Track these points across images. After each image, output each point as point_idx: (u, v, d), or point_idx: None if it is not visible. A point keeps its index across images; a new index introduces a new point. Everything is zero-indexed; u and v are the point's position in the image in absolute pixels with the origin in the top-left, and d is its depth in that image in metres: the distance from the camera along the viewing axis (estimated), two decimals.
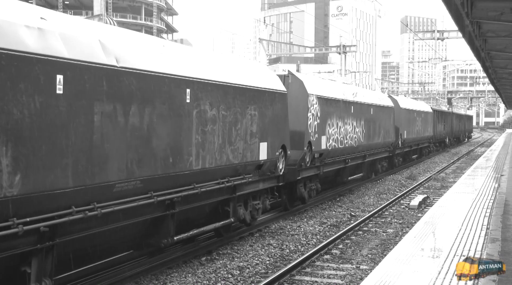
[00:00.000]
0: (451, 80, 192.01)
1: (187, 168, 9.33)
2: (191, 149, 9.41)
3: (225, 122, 10.58)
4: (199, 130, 9.65)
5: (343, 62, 54.93)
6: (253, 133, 11.74)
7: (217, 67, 10.89)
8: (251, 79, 12.03)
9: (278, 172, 13.32)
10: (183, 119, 9.20)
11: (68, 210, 6.87)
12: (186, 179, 9.40)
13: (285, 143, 13.49)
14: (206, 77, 9.99)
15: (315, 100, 16.08)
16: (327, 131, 17.11)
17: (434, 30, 50.61)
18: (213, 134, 10.13)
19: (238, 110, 11.09)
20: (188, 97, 9.32)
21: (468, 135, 69.66)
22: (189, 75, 9.43)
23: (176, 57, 9.46)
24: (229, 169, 10.85)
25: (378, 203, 18.16)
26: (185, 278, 9.39)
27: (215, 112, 10.18)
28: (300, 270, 10.11)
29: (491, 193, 14.81)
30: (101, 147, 7.30)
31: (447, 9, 9.99)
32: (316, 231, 13.56)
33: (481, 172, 21.54)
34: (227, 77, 10.89)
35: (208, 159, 9.99)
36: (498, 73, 22.18)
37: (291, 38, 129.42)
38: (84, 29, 7.64)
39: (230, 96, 10.81)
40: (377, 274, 7.15)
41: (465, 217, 11.16)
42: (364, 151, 21.68)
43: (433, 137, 40.14)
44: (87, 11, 77.04)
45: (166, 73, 8.77)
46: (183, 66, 9.44)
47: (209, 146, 9.99)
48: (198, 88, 9.64)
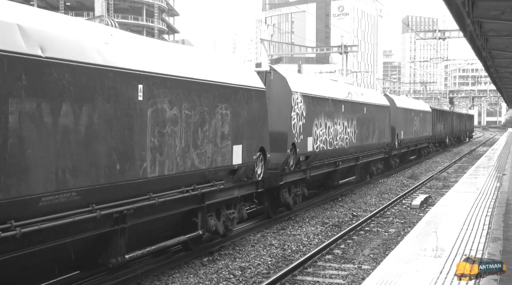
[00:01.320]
0: (452, 80, 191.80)
1: (139, 175, 8.09)
2: (145, 154, 8.18)
3: (189, 123, 9.36)
4: (155, 133, 8.43)
5: (344, 62, 54.90)
6: (224, 135, 10.55)
7: (180, 60, 9.64)
8: (222, 74, 10.79)
9: (256, 177, 12.16)
10: (134, 120, 7.95)
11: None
12: (140, 188, 8.20)
13: (264, 145, 12.27)
14: (164, 72, 8.76)
15: (300, 98, 14.81)
16: (314, 132, 15.85)
17: (436, 29, 50.63)
18: (174, 136, 8.92)
19: (206, 109, 9.86)
20: (141, 94, 8.06)
21: (469, 135, 68.90)
22: (142, 69, 8.17)
23: (126, 48, 8.23)
24: (195, 175, 9.67)
25: (380, 203, 18.18)
26: (187, 279, 9.43)
27: (176, 112, 8.96)
28: (302, 270, 10.14)
29: (493, 192, 14.80)
30: (19, 154, 6.06)
31: (448, 8, 9.92)
32: (318, 231, 13.57)
33: (483, 171, 21.52)
34: (192, 72, 9.66)
35: (168, 164, 8.77)
36: (499, 72, 22.12)
37: (293, 39, 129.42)
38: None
39: (196, 94, 9.57)
40: (378, 273, 7.16)
41: (467, 217, 11.16)
42: (357, 153, 20.38)
43: (433, 138, 39.17)
44: (88, 12, 77.19)
45: (111, 66, 7.53)
46: (135, 59, 8.21)
47: (169, 150, 8.78)
48: (154, 84, 8.39)
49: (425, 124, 35.31)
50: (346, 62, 55.23)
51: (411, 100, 36.90)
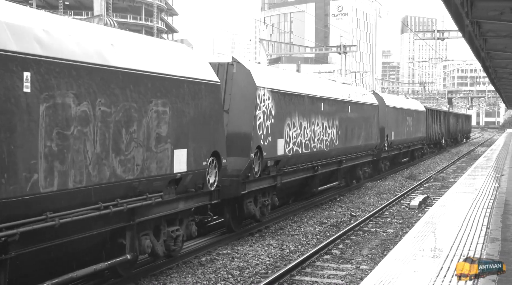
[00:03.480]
0: (451, 80, 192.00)
1: (27, 191, 6.28)
2: (35, 163, 6.38)
3: (108, 123, 7.50)
4: (52, 135, 6.63)
5: (343, 62, 54.94)
6: (161, 137, 8.67)
7: (94, 43, 7.64)
8: (159, 63, 8.87)
9: (208, 187, 10.27)
10: (17, 118, 6.16)
11: None
12: (27, 207, 6.41)
13: (218, 148, 10.40)
14: (68, 57, 6.94)
15: (268, 94, 12.88)
16: (286, 134, 13.88)
17: (434, 30, 50.70)
18: (84, 140, 7.11)
19: (134, 105, 7.99)
20: (28, 84, 6.29)
21: (466, 135, 67.76)
22: (30, 51, 6.40)
23: (4, 23, 6.30)
24: (118, 187, 7.80)
25: (378, 203, 18.16)
26: (185, 279, 9.38)
27: (87, 108, 7.15)
28: (300, 270, 10.10)
29: (491, 193, 14.81)
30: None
31: (447, 9, 9.93)
32: (316, 231, 13.56)
33: (482, 171, 21.51)
34: (113, 58, 7.75)
35: (74, 175, 6.95)
36: (498, 73, 22.14)
37: (291, 38, 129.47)
38: None
39: (118, 86, 7.69)
40: (377, 274, 7.15)
41: (465, 217, 11.16)
42: (340, 156, 18.39)
43: (427, 139, 37.88)
44: (87, 12, 77.16)
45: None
46: (17, 39, 6.32)
47: (76, 157, 6.96)
48: (49, 72, 6.59)
49: (419, 124, 33.96)
50: (345, 62, 55.28)
51: (403, 99, 35.64)
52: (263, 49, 74.51)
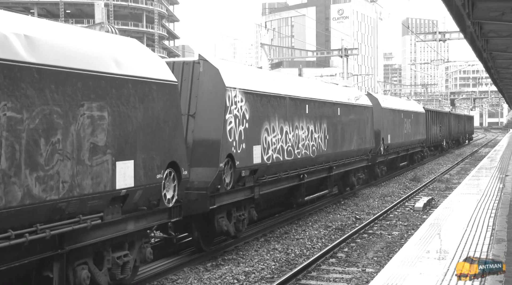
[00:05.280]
0: (453, 82, 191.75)
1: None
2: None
3: (18, 132, 6.03)
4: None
5: (345, 66, 55.01)
6: (98, 147, 7.19)
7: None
8: (92, 59, 7.36)
9: (165, 203, 8.86)
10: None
11: None
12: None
13: (176, 159, 8.95)
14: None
15: (241, 96, 11.46)
16: (264, 140, 12.38)
17: (436, 31, 50.79)
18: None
19: (57, 110, 6.53)
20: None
21: (468, 137, 66.61)
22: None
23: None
24: (36, 210, 6.34)
25: (382, 206, 18.15)
26: (191, 284, 9.39)
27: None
28: (306, 274, 10.08)
29: (496, 194, 14.78)
30: None
31: (448, 10, 9.95)
32: (321, 234, 13.54)
33: (486, 172, 21.49)
34: (22, 51, 6.25)
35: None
36: (500, 73, 22.14)
37: (293, 42, 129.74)
38: None
39: (33, 86, 6.24)
40: (382, 277, 7.15)
41: (470, 218, 11.13)
42: (329, 162, 16.78)
43: (427, 141, 36.26)
44: (88, 20, 77.39)
45: None
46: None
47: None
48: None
49: (418, 126, 32.30)
50: (346, 66, 55.37)
51: (400, 100, 34.24)
52: (265, 54, 74.56)
